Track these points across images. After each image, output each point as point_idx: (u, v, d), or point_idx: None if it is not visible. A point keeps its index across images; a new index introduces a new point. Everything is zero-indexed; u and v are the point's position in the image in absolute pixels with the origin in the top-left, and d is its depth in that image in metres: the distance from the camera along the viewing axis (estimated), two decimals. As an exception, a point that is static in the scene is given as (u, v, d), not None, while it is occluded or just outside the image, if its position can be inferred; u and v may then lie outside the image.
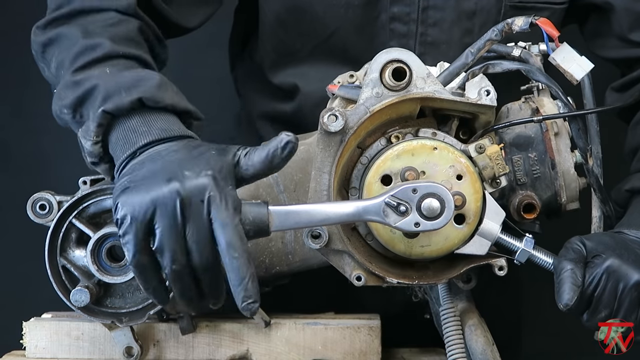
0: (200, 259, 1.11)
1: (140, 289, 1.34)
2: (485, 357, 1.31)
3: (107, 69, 1.26)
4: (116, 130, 1.22)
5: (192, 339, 1.44)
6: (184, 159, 1.14)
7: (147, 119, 1.21)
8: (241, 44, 1.80)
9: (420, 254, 1.26)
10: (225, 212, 1.10)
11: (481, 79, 1.31)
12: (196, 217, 1.10)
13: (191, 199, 1.10)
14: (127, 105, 1.21)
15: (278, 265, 1.44)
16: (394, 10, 1.56)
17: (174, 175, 1.11)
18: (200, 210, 1.10)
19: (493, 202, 1.25)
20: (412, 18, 1.56)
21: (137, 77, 1.24)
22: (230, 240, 1.10)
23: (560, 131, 1.37)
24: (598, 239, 1.29)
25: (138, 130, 1.20)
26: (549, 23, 1.30)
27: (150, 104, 1.22)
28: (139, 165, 1.16)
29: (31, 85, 2.25)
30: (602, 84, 1.58)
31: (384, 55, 1.25)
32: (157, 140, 1.19)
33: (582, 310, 1.25)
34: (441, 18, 1.56)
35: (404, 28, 1.56)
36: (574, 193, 1.38)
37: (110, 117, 1.21)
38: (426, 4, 1.55)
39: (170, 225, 1.09)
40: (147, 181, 1.12)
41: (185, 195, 1.10)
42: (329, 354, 1.43)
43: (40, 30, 1.37)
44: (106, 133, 1.23)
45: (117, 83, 1.23)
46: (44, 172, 2.32)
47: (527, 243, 1.27)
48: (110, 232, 1.32)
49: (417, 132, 1.28)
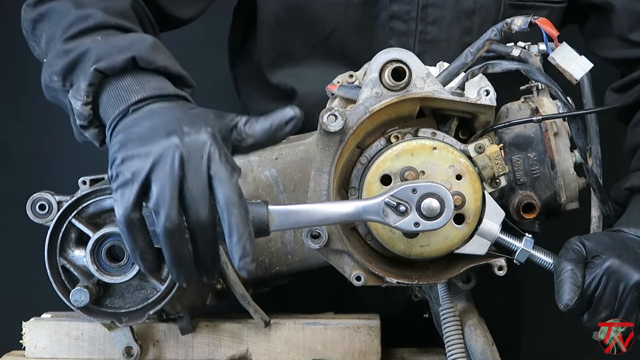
0: (197, 216, 1.07)
1: (140, 289, 1.35)
2: (485, 357, 1.31)
3: (98, 37, 1.25)
4: (108, 90, 1.20)
5: (192, 339, 1.44)
6: (182, 117, 1.12)
7: (139, 79, 1.19)
8: (240, 42, 1.80)
9: (420, 253, 1.26)
10: (224, 169, 1.08)
11: (480, 79, 1.31)
12: (195, 173, 1.07)
13: (190, 154, 1.07)
14: (119, 64, 1.19)
15: (277, 265, 1.44)
16: (394, 9, 1.56)
17: (173, 130, 1.09)
18: (200, 166, 1.07)
19: (492, 202, 1.25)
20: (412, 16, 1.56)
21: (130, 40, 1.23)
22: (229, 196, 1.07)
23: (560, 131, 1.37)
24: (597, 239, 1.29)
25: (131, 88, 1.18)
26: (548, 23, 1.30)
27: (143, 64, 1.20)
28: (134, 122, 1.14)
29: (30, 86, 2.25)
30: (602, 84, 1.58)
31: (384, 55, 1.25)
32: (151, 97, 1.17)
33: (582, 310, 1.25)
34: (441, 16, 1.56)
35: (404, 26, 1.56)
36: (573, 193, 1.38)
37: (102, 76, 1.19)
38: (426, 2, 1.56)
39: (168, 180, 1.06)
40: (145, 137, 1.10)
41: (185, 150, 1.07)
42: (328, 354, 1.43)
43: (30, 8, 1.36)
44: (97, 93, 1.20)
45: (110, 46, 1.21)
46: (43, 172, 2.31)
47: (526, 243, 1.27)
48: (110, 232, 1.32)
49: (416, 132, 1.28)
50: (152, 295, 1.35)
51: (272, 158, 1.44)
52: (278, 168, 1.44)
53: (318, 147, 1.24)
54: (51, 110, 2.16)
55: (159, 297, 1.34)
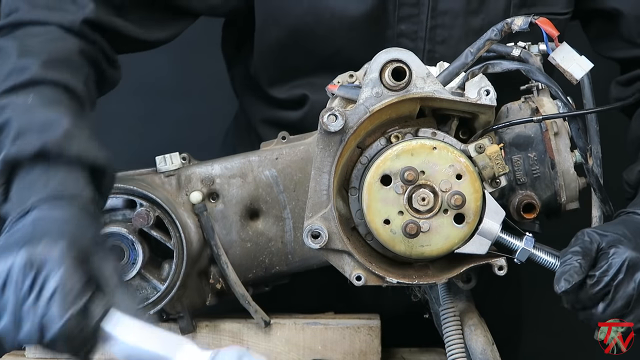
0: None
1: (140, 288, 1.35)
2: (485, 357, 1.31)
3: (29, 98, 1.22)
4: (16, 182, 1.17)
5: (192, 339, 1.44)
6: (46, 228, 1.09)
7: (47, 172, 1.16)
8: (235, 49, 1.77)
9: (421, 253, 1.26)
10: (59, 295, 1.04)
11: (481, 79, 1.31)
12: None
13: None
14: (28, 154, 1.16)
15: (278, 265, 1.44)
16: (402, 28, 1.53)
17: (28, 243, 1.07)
18: None
19: (493, 202, 1.25)
20: (420, 36, 1.54)
21: (47, 121, 1.20)
22: None
23: (560, 131, 1.37)
24: (613, 228, 1.27)
25: (33, 186, 1.15)
26: (548, 23, 1.30)
27: (53, 154, 1.17)
28: (14, 231, 1.12)
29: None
30: (602, 84, 1.58)
31: (384, 55, 1.25)
32: (43, 199, 1.13)
33: (597, 300, 1.23)
34: (449, 35, 1.53)
35: (411, 44, 1.53)
36: (573, 193, 1.38)
37: (10, 166, 1.17)
38: (434, 23, 1.53)
39: None
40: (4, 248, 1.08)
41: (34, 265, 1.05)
42: (328, 354, 1.43)
43: None
44: (9, 182, 1.18)
45: (29, 122, 1.19)
46: (43, 172, 2.31)
47: (527, 242, 1.27)
48: (110, 231, 1.32)
49: (416, 131, 1.28)
50: (152, 295, 1.35)
51: (272, 158, 1.44)
52: (278, 168, 1.44)
53: (318, 147, 1.24)
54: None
55: (159, 297, 1.35)
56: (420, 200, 1.23)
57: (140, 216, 1.33)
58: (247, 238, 1.43)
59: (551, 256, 1.27)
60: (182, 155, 1.44)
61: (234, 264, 1.41)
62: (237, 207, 1.43)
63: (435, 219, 1.24)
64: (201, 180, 1.42)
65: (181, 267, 1.35)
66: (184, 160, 1.43)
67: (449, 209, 1.24)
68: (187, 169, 1.43)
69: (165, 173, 1.42)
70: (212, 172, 1.43)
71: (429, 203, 1.24)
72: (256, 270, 1.44)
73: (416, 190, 1.24)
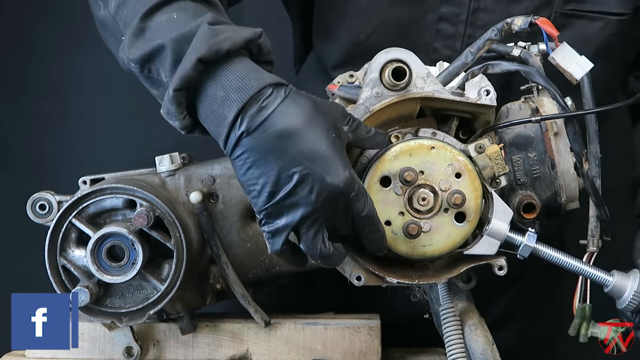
0: None
1: (141, 288, 1.35)
2: (485, 357, 1.31)
3: (174, 15, 1.20)
4: (199, 103, 1.18)
5: (192, 339, 1.44)
6: None
7: (219, 81, 1.16)
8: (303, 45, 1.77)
9: (423, 253, 1.26)
10: None
11: (481, 79, 1.31)
12: None
13: None
14: (193, 74, 1.16)
15: (278, 265, 1.44)
16: (443, 11, 1.53)
17: None
18: None
19: (500, 202, 1.26)
20: (461, 19, 1.53)
21: (190, 32, 1.18)
22: None
23: (560, 131, 1.37)
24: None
25: (218, 98, 1.16)
26: (548, 22, 1.30)
27: (211, 58, 1.16)
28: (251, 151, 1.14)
29: (31, 85, 2.26)
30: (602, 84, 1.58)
31: (384, 55, 1.25)
32: (243, 106, 1.14)
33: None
34: (490, 20, 1.51)
35: (452, 29, 1.53)
36: (573, 193, 1.38)
37: (184, 92, 1.17)
38: (477, 5, 1.52)
39: None
40: None
41: None
42: (328, 354, 1.43)
43: None
44: (190, 106, 1.18)
45: (182, 37, 1.17)
46: (43, 172, 2.32)
47: (529, 238, 1.28)
48: (110, 232, 1.32)
49: (416, 131, 1.28)
50: (153, 295, 1.35)
51: (272, 158, 1.44)
52: (278, 168, 1.43)
53: (318, 147, 1.24)
54: (51, 111, 2.18)
55: (160, 297, 1.35)
56: (421, 200, 1.24)
57: (140, 216, 1.33)
58: (247, 238, 1.43)
59: (558, 252, 1.28)
60: (182, 155, 1.44)
61: (234, 264, 1.41)
62: (237, 207, 1.43)
63: (436, 219, 1.24)
64: (201, 180, 1.42)
65: (181, 267, 1.35)
66: (184, 160, 1.44)
67: (450, 208, 1.24)
68: (187, 169, 1.43)
69: (165, 173, 1.42)
70: (212, 172, 1.43)
71: (429, 203, 1.24)
72: (256, 270, 1.44)
73: (416, 191, 1.24)
